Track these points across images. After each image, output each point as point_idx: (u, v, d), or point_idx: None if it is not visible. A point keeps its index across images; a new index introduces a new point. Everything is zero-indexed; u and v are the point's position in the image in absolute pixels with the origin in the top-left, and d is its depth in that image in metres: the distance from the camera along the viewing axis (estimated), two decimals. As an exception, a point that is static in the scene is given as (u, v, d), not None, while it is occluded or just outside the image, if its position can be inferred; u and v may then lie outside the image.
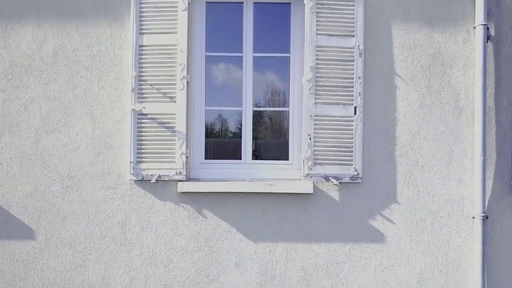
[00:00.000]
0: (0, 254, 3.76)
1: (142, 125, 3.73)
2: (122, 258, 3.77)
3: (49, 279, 3.76)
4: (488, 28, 3.70)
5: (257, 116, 4.11)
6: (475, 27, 3.72)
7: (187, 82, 3.75)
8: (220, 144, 4.18)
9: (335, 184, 3.74)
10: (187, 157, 3.76)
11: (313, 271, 3.76)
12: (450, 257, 3.75)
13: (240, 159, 3.97)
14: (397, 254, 3.76)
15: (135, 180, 3.75)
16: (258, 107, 4.05)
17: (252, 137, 3.95)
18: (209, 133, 4.06)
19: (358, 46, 3.69)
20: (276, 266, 3.77)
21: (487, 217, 3.69)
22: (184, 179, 3.73)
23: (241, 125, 3.97)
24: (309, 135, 3.71)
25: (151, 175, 3.73)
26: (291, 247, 3.77)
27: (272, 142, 4.20)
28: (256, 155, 4.10)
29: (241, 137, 3.96)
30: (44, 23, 3.77)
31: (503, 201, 3.75)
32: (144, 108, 3.71)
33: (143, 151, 3.73)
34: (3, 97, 3.78)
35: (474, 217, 3.71)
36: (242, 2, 3.92)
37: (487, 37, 3.70)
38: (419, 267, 3.75)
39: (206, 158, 3.98)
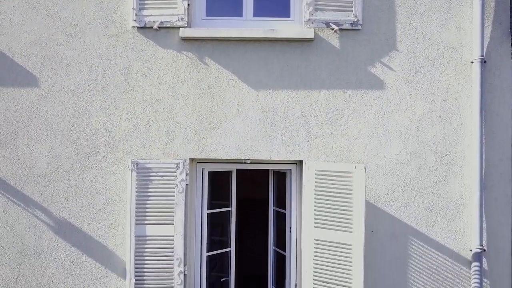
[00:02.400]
0: (5, 100, 3.80)
1: (145, -29, 3.76)
2: (125, 105, 3.82)
3: (53, 125, 3.81)
4: None
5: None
6: None
7: None
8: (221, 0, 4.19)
9: (335, 32, 3.78)
10: (189, 4, 3.80)
11: (313, 117, 3.81)
12: (448, 103, 3.80)
13: (241, 16, 4.00)
14: (396, 101, 3.80)
15: (137, 27, 3.79)
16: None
17: None
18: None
19: None
20: (276, 113, 3.82)
21: (485, 61, 3.74)
22: (186, 25, 3.77)
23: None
24: (310, -20, 3.75)
25: (153, 21, 3.77)
26: (292, 95, 3.82)
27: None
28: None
29: (242, -5, 3.99)
30: None
31: (501, 47, 3.80)
32: (146, -47, 3.75)
33: (145, -2, 3.77)
34: None
35: (472, 62, 3.76)
36: None
37: None
38: (418, 113, 3.80)
39: (207, 15, 4.00)
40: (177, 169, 3.73)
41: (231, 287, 4.28)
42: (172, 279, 3.71)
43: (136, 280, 3.69)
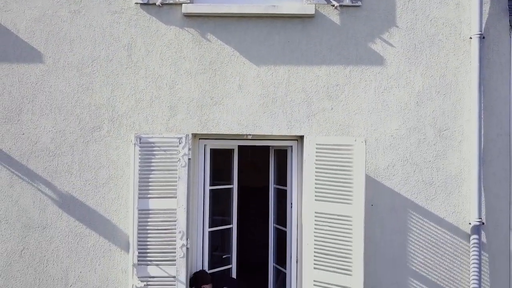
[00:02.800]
0: (9, 76, 3.85)
1: (148, -51, 3.81)
2: (128, 81, 3.86)
3: (57, 101, 3.86)
4: None
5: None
6: None
7: None
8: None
9: (336, 8, 3.83)
10: (191, -19, 3.85)
11: (314, 93, 3.86)
12: (447, 79, 3.85)
13: (243, -7, 4.04)
14: (396, 76, 3.85)
15: (140, 3, 3.84)
16: None
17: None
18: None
19: None
20: (278, 89, 3.87)
21: (483, 37, 3.79)
22: (189, 2, 3.82)
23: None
24: (310, -43, 3.80)
25: (156, -2, 3.82)
26: (293, 70, 3.87)
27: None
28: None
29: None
30: None
31: (500, 23, 3.84)
32: None
33: (148, -25, 3.82)
34: None
35: (471, 38, 3.81)
36: None
37: None
38: (417, 89, 3.85)
39: (209, -6, 4.05)
40: (179, 143, 3.78)
41: (233, 261, 4.33)
42: (175, 252, 3.76)
43: (139, 253, 3.73)
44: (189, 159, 3.79)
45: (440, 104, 3.84)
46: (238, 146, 4.37)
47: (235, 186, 4.39)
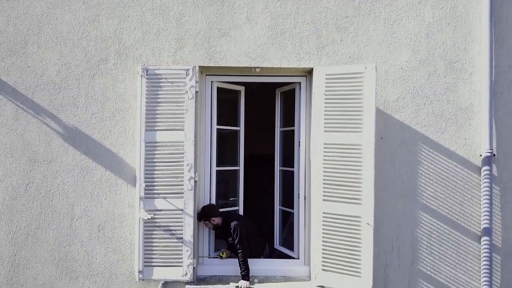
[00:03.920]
0: (15, 8, 3.80)
1: None
2: (134, 13, 3.81)
3: (63, 33, 3.81)
4: None
5: None
6: None
7: None
8: None
9: None
10: None
11: (323, 24, 3.81)
12: (458, 10, 3.80)
13: None
14: (406, 8, 3.80)
15: None
16: None
17: None
18: None
19: None
20: (286, 20, 3.82)
21: (494, -32, 3.75)
22: None
23: None
24: None
25: None
26: (302, 2, 3.82)
27: None
28: None
29: None
30: None
31: (511, -43, 3.80)
32: None
33: None
34: None
35: (482, -32, 3.77)
36: None
37: None
38: (427, 20, 3.80)
39: None
40: (186, 75, 3.72)
41: (240, 204, 4.29)
42: (183, 185, 3.71)
43: (146, 186, 3.69)
44: (196, 92, 3.74)
45: (451, 36, 3.79)
46: (245, 88, 4.33)
47: (241, 128, 4.34)
